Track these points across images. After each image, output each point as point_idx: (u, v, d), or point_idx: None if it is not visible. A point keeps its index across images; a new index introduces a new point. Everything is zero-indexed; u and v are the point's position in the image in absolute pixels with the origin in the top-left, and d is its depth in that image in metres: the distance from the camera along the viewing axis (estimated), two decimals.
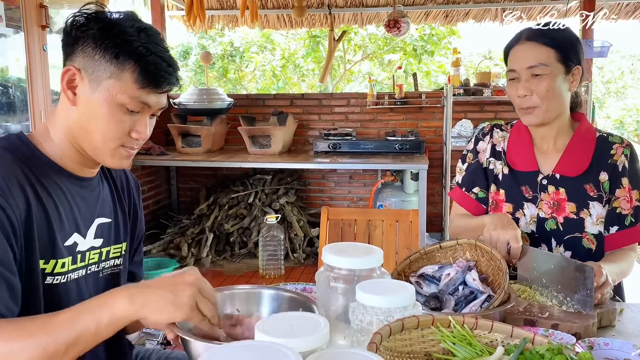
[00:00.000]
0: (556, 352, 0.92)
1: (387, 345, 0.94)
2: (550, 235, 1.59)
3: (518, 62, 1.51)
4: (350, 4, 5.54)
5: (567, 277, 1.29)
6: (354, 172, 5.03)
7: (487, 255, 1.30)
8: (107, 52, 1.05)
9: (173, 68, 1.10)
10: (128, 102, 1.07)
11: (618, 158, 1.56)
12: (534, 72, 1.49)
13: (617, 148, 1.57)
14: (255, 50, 11.17)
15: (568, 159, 1.57)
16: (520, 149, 1.64)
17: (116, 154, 1.11)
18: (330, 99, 5.06)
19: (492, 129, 1.73)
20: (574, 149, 1.58)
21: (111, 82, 1.05)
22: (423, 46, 9.64)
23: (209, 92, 4.49)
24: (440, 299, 1.24)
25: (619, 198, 1.55)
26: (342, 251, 1.14)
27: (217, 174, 5.06)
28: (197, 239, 4.42)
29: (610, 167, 1.56)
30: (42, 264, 1.06)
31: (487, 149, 1.71)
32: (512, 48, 1.55)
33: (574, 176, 1.56)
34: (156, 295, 0.93)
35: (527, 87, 1.49)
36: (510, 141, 1.67)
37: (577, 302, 1.26)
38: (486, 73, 4.51)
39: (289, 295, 1.19)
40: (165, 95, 1.13)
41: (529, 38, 1.51)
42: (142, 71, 1.05)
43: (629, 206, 1.55)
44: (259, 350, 0.70)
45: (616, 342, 1.12)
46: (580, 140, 1.58)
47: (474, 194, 1.72)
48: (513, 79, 1.53)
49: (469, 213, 1.72)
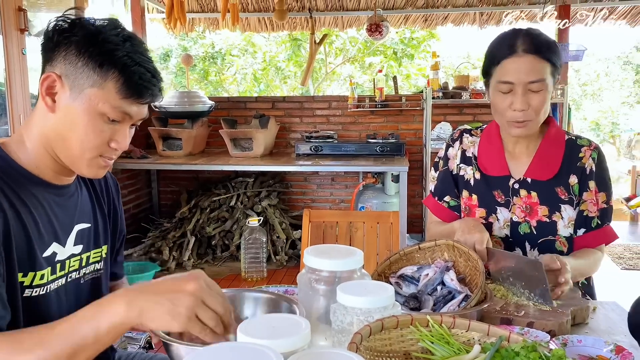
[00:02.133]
0: (530, 350, 0.95)
1: (367, 345, 0.96)
2: (524, 239, 1.60)
3: (517, 75, 1.45)
4: (331, 8, 5.57)
5: (527, 274, 1.33)
6: (336, 175, 5.06)
7: (465, 255, 1.33)
8: (90, 60, 1.03)
9: (157, 79, 1.09)
10: (109, 112, 1.05)
11: (586, 161, 1.58)
12: (532, 87, 1.46)
13: (585, 151, 1.59)
14: (236, 53, 11.15)
15: (539, 163, 1.59)
16: (491, 154, 1.64)
17: (93, 163, 1.10)
18: (311, 102, 5.09)
19: (461, 135, 1.73)
20: (545, 152, 1.59)
21: (93, 90, 1.04)
22: (403, 49, 9.73)
23: (190, 95, 4.48)
24: (419, 299, 1.26)
25: (586, 201, 1.58)
26: (324, 253, 1.16)
27: (198, 177, 5.05)
28: (178, 242, 4.40)
29: (579, 170, 1.58)
30: (21, 277, 1.04)
31: (457, 155, 1.71)
32: (505, 59, 1.47)
33: (545, 180, 1.58)
34: (154, 303, 0.88)
35: (525, 101, 1.46)
36: (481, 146, 1.67)
37: (539, 297, 1.30)
38: (464, 76, 4.57)
39: (271, 297, 1.21)
40: (146, 106, 1.12)
41: (527, 50, 1.45)
42: (125, 81, 1.04)
43: (595, 209, 1.58)
44: (242, 351, 0.71)
45: (589, 339, 1.16)
46: (550, 144, 1.60)
47: (445, 202, 1.73)
48: (506, 91, 1.48)
49: (443, 222, 1.73)
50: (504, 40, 1.51)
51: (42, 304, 1.09)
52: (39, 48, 1.11)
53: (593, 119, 11.99)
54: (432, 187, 1.78)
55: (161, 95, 1.12)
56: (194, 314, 0.88)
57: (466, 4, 5.43)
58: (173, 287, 0.90)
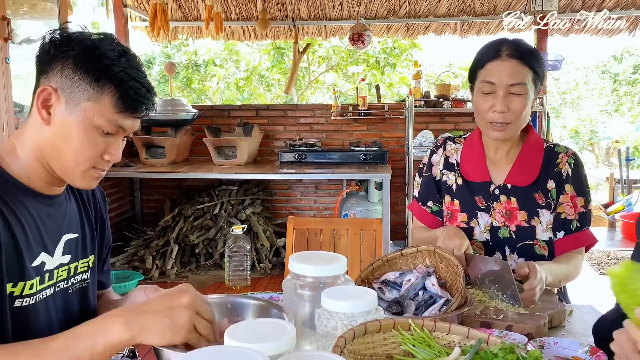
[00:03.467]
0: (508, 351, 0.98)
1: (350, 348, 0.99)
2: (503, 244, 1.65)
3: (499, 77, 1.52)
4: (314, 17, 5.63)
5: (499, 276, 1.38)
6: (320, 182, 5.09)
7: (446, 261, 1.36)
8: (87, 74, 1.05)
9: (151, 94, 1.12)
10: (104, 125, 1.07)
11: (563, 166, 1.64)
12: (513, 89, 1.52)
13: (562, 157, 1.65)
14: (219, 62, 11.15)
15: (518, 169, 1.64)
16: (473, 161, 1.70)
17: (86, 175, 1.12)
18: (295, 110, 5.12)
19: (445, 142, 1.78)
20: (524, 159, 1.65)
21: (89, 104, 1.06)
22: (386, 58, 9.82)
23: (174, 103, 4.49)
24: (401, 303, 1.29)
25: (562, 204, 1.63)
26: (308, 259, 1.19)
27: (182, 185, 5.04)
28: (161, 251, 4.38)
29: (556, 175, 1.63)
30: (10, 287, 1.05)
31: (441, 162, 1.76)
32: (490, 62, 1.55)
33: (524, 186, 1.63)
34: (153, 322, 0.92)
35: (505, 103, 1.52)
36: (463, 153, 1.72)
37: (510, 298, 1.35)
38: (446, 85, 4.64)
39: (260, 304, 1.22)
40: (139, 120, 1.14)
41: (511, 55, 1.52)
42: (121, 96, 1.07)
43: (574, 212, 1.63)
44: (230, 354, 0.73)
45: (565, 341, 1.20)
46: (530, 151, 1.65)
47: (428, 207, 1.77)
48: (488, 92, 1.54)
49: (427, 227, 1.78)
50: (491, 46, 1.59)
51: (30, 314, 1.09)
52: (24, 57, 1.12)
53: (572, 127, 12.19)
54: (416, 193, 1.83)
55: (154, 108, 1.15)
56: (192, 326, 0.93)
57: (447, 14, 5.52)
58: (169, 304, 0.94)
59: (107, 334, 0.91)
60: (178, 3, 5.63)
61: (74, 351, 0.90)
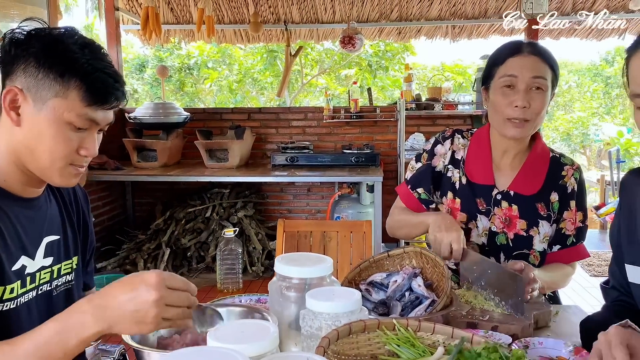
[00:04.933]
0: (492, 351, 0.98)
1: (335, 348, 0.99)
2: (499, 250, 1.63)
3: (521, 70, 1.49)
4: (306, 20, 5.64)
5: (502, 283, 1.36)
6: (312, 185, 5.09)
7: (432, 262, 1.37)
8: (51, 70, 1.03)
9: (119, 83, 1.10)
10: (75, 120, 1.05)
11: (568, 180, 1.62)
12: (536, 83, 1.49)
13: (568, 170, 1.63)
14: (212, 65, 11.15)
15: (523, 177, 1.61)
16: (479, 162, 1.65)
17: (65, 172, 1.10)
18: (287, 113, 5.12)
19: (453, 134, 1.72)
20: (530, 168, 1.62)
21: (57, 100, 1.04)
22: (378, 61, 9.85)
23: (165, 106, 4.49)
24: (387, 304, 1.30)
25: (565, 219, 1.62)
26: (294, 261, 1.19)
27: (173, 189, 5.03)
28: (153, 254, 4.37)
29: (560, 188, 1.62)
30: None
31: (447, 155, 1.70)
32: (510, 57, 1.52)
33: (528, 195, 1.60)
34: (121, 317, 0.90)
35: (526, 99, 1.48)
36: (470, 151, 1.67)
37: (511, 307, 1.33)
38: (437, 88, 4.66)
39: (242, 310, 1.23)
40: (112, 111, 1.12)
41: (532, 52, 1.51)
42: (88, 88, 1.05)
43: (573, 227, 1.62)
44: (211, 355, 0.73)
45: (549, 341, 1.20)
46: (536, 160, 1.63)
47: (417, 193, 1.73)
48: (509, 85, 1.51)
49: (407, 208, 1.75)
50: (509, 44, 1.58)
51: (12, 318, 1.08)
52: None
53: (564, 130, 12.26)
54: (408, 176, 1.77)
55: (125, 98, 1.12)
56: (160, 320, 0.91)
57: (439, 17, 5.55)
58: (137, 299, 0.90)
59: (78, 331, 0.90)
60: (170, 6, 5.63)
61: (46, 352, 0.89)
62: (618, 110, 12.82)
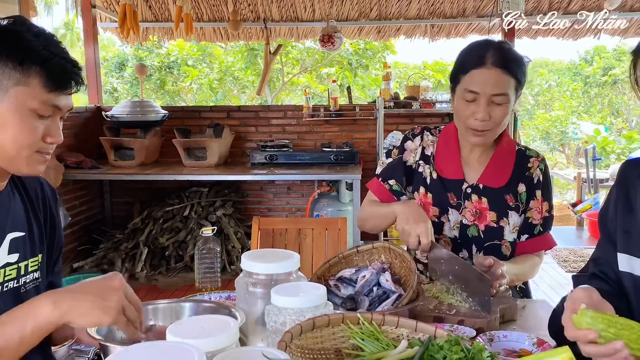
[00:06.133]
0: (454, 344, 1.00)
1: (298, 343, 0.99)
2: (471, 242, 1.67)
3: (482, 86, 1.51)
4: (286, 19, 5.64)
5: (470, 281, 1.38)
6: (292, 183, 5.09)
7: (400, 257, 1.38)
8: (9, 59, 1.03)
9: (77, 68, 1.11)
10: (39, 107, 1.06)
11: (534, 171, 1.67)
12: (496, 100, 1.51)
13: (533, 162, 1.68)
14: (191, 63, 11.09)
15: (492, 170, 1.66)
16: (448, 158, 1.69)
17: (31, 160, 1.10)
18: (267, 111, 5.11)
19: (422, 131, 1.76)
20: (497, 161, 1.67)
21: (19, 89, 1.04)
22: (358, 60, 9.88)
23: (143, 105, 4.45)
24: (356, 300, 1.30)
25: (532, 209, 1.66)
26: (260, 257, 1.20)
27: (151, 187, 4.99)
28: (131, 253, 4.34)
29: (527, 179, 1.67)
30: None
31: (418, 151, 1.74)
32: (474, 69, 1.53)
33: (496, 187, 1.65)
34: (82, 300, 0.93)
35: (487, 112, 1.51)
36: (439, 148, 1.72)
37: (478, 304, 1.35)
38: (415, 87, 4.69)
39: (209, 306, 1.23)
40: (71, 96, 1.13)
41: (495, 64, 1.50)
42: (48, 74, 1.05)
43: (539, 216, 1.67)
44: (165, 349, 0.73)
45: (514, 334, 1.22)
46: (503, 154, 1.67)
47: (388, 184, 1.75)
48: (471, 100, 1.53)
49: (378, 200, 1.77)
50: (475, 50, 1.57)
51: None
52: None
53: (543, 128, 12.40)
54: (380, 170, 1.80)
55: (84, 83, 1.13)
56: (122, 308, 0.94)
57: (417, 17, 5.58)
58: (99, 285, 0.96)
59: (35, 315, 0.91)
60: (148, 4, 5.59)
61: (3, 336, 0.90)
62: (597, 109, 13.01)
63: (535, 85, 13.64)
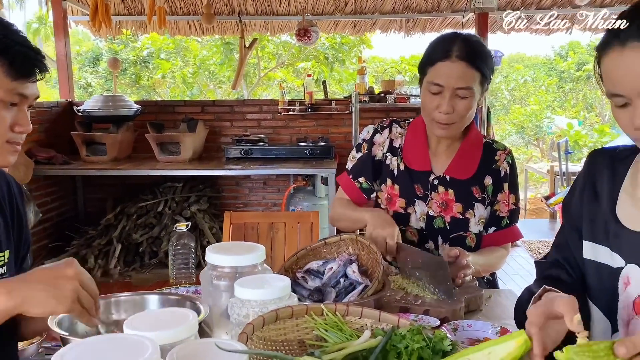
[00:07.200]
0: (415, 333, 1.00)
1: (260, 335, 0.99)
2: (437, 233, 1.68)
3: (447, 79, 1.52)
4: (261, 12, 5.60)
5: (433, 271, 1.40)
6: (268, 178, 5.07)
7: (367, 249, 1.38)
8: None
9: (40, 55, 1.10)
10: (5, 96, 1.06)
11: (501, 164, 1.69)
12: (460, 93, 1.52)
13: (500, 155, 1.70)
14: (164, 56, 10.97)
15: (458, 162, 1.67)
16: (416, 149, 1.70)
17: (2, 151, 1.10)
18: (242, 106, 5.08)
19: (391, 124, 1.77)
20: (464, 153, 1.68)
21: None
22: (335, 55, 9.87)
23: (115, 99, 4.39)
24: (322, 291, 1.30)
25: (499, 202, 1.68)
26: (225, 250, 1.19)
27: (125, 183, 4.92)
28: (104, 250, 4.28)
29: (494, 172, 1.68)
30: None
31: (385, 144, 1.74)
32: (439, 62, 1.53)
33: (463, 179, 1.67)
34: (37, 290, 0.92)
35: (451, 105, 1.53)
36: (407, 140, 1.72)
37: (443, 293, 1.37)
38: (390, 81, 4.71)
39: (174, 298, 1.22)
40: (36, 84, 1.13)
41: (460, 57, 1.51)
42: (12, 63, 1.05)
43: (506, 209, 1.69)
44: (119, 342, 0.72)
45: (478, 324, 1.24)
46: (470, 146, 1.69)
47: (358, 182, 1.76)
48: (436, 92, 1.54)
49: (351, 200, 1.78)
50: (442, 42, 1.57)
51: None
52: None
53: (519, 122, 12.57)
54: (350, 166, 1.80)
55: (48, 69, 1.13)
56: (76, 297, 0.93)
57: (393, 11, 5.60)
58: (54, 273, 0.95)
59: None
60: None
61: None
62: (571, 104, 13.23)
63: (511, 80, 13.80)
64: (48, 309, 0.92)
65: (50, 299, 0.91)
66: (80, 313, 0.95)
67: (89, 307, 0.96)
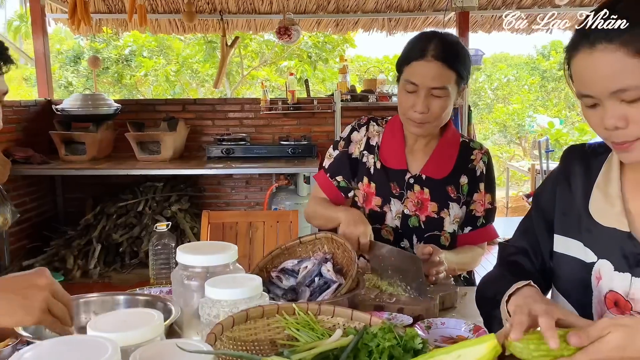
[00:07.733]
0: (387, 331, 1.00)
1: (230, 335, 0.97)
2: (412, 232, 1.67)
3: (422, 79, 1.51)
4: (243, 11, 5.57)
5: (405, 267, 1.40)
6: (250, 177, 5.05)
7: (342, 247, 1.37)
8: None
9: (4, 47, 1.09)
10: None
11: (477, 164, 1.69)
12: (435, 93, 1.52)
13: (476, 154, 1.70)
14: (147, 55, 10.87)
15: (435, 161, 1.67)
16: (392, 147, 1.70)
17: None
18: (224, 104, 5.04)
19: (368, 122, 1.76)
20: (441, 152, 1.68)
21: None
22: (318, 53, 9.86)
23: (95, 98, 4.34)
24: (296, 290, 1.29)
25: (475, 201, 1.68)
26: (196, 249, 1.17)
27: (105, 183, 4.86)
28: (84, 250, 4.23)
29: (470, 171, 1.68)
30: None
31: (362, 142, 1.73)
32: (415, 61, 1.53)
33: (438, 178, 1.66)
34: (4, 300, 0.90)
35: (426, 104, 1.52)
36: (384, 138, 1.72)
37: (415, 290, 1.36)
38: (372, 80, 4.71)
39: (145, 299, 1.20)
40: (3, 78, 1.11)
41: (436, 57, 1.50)
42: None
43: (482, 209, 1.69)
44: (79, 344, 0.71)
45: (451, 321, 1.24)
46: (446, 145, 1.69)
47: (336, 181, 1.76)
48: (411, 91, 1.54)
49: (327, 198, 1.78)
50: (419, 41, 1.56)
51: None
52: None
53: (501, 121, 12.65)
54: (327, 164, 1.80)
55: (13, 62, 1.11)
56: (46, 307, 0.91)
57: (375, 10, 5.60)
58: (24, 283, 0.92)
59: None
60: None
61: None
62: (553, 103, 13.35)
63: (494, 79, 13.90)
64: (15, 320, 0.90)
65: (18, 310, 0.89)
66: (52, 323, 0.92)
67: (62, 317, 0.94)
